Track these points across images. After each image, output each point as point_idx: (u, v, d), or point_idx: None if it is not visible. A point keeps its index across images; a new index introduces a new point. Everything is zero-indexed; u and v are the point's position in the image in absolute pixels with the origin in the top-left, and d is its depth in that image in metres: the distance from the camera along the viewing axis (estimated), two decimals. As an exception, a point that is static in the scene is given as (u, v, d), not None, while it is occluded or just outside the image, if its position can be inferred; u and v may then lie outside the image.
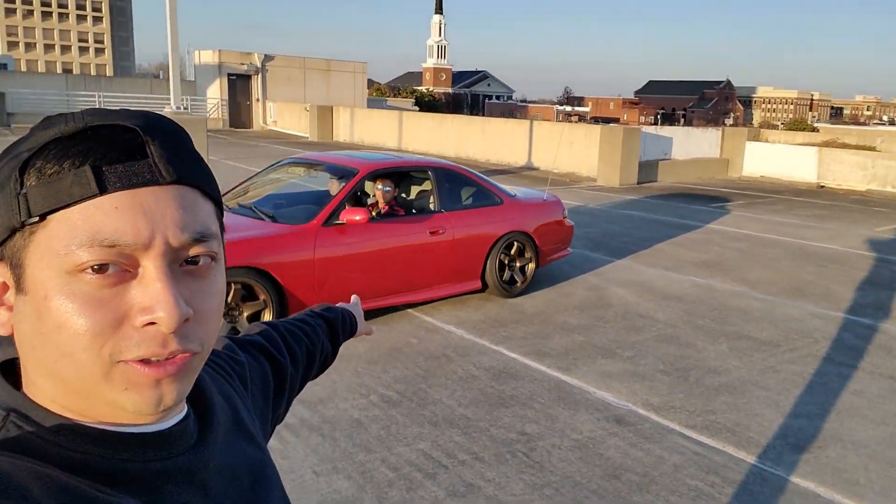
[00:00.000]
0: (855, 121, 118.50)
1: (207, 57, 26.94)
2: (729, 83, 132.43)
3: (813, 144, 18.09)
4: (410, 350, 4.82)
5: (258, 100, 27.43)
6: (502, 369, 4.56)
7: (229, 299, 4.46)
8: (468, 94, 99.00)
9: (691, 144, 17.50)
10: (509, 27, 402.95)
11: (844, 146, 18.35)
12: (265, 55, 27.38)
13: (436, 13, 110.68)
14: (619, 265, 7.51)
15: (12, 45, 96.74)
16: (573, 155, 16.21)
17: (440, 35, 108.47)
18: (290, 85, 27.88)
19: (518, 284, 6.20)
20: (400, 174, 6.04)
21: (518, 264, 6.21)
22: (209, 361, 0.79)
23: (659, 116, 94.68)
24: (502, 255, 6.08)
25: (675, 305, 6.13)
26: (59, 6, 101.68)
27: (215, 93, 26.70)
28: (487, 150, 18.52)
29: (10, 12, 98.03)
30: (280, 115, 26.80)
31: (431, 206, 5.82)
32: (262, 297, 4.60)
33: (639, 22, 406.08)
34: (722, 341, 5.27)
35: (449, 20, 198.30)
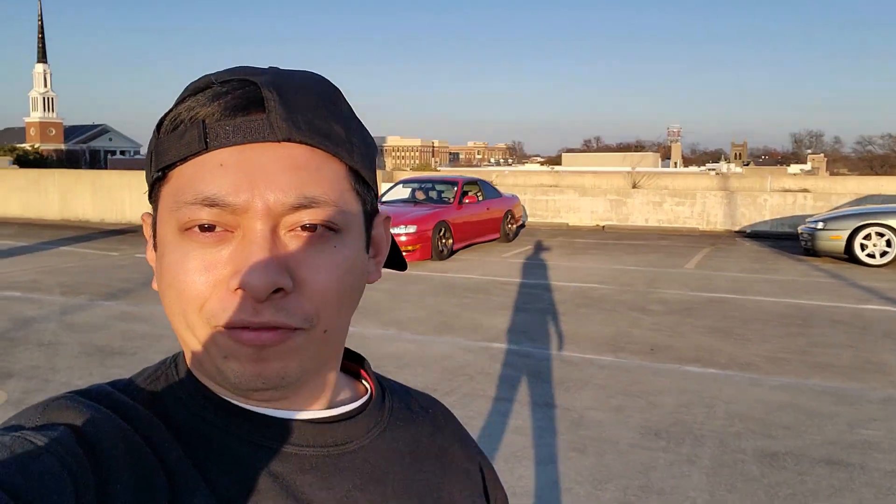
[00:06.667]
0: (469, 163, 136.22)
1: None
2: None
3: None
4: None
5: None
6: None
7: (444, 238, 10.71)
8: (86, 151, 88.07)
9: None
10: (131, 78, 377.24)
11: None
12: None
13: (39, 62, 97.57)
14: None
15: None
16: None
17: (46, 86, 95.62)
18: None
19: None
20: (469, 182, 12.47)
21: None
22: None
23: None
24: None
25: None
26: None
27: None
28: (102, 207, 16.04)
29: None
30: None
31: (479, 198, 12.29)
32: (448, 239, 10.74)
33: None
34: (378, 397, 4.62)
35: (57, 70, 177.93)
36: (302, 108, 0.50)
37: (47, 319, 6.57)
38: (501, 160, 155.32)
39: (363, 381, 0.66)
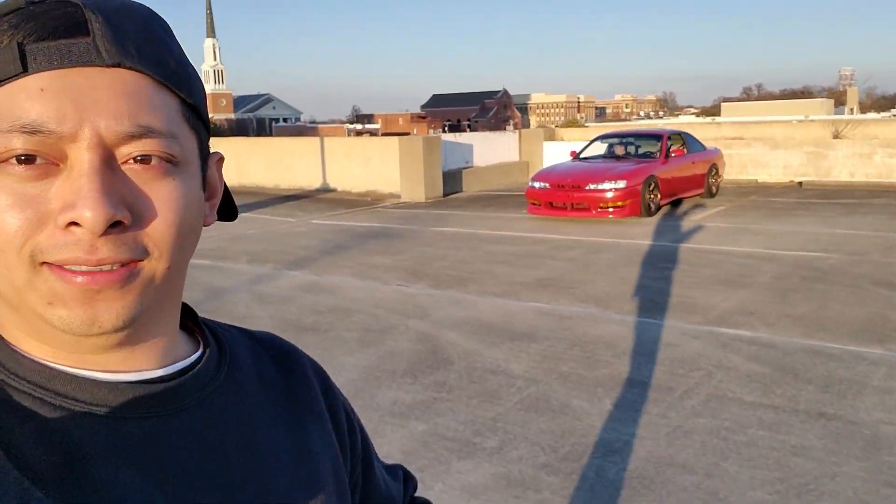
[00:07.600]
0: (617, 118, 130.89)
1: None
2: (506, 92, 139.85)
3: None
4: None
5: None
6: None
7: (652, 193, 10.16)
8: (253, 119, 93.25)
9: (491, 150, 16.85)
10: (290, 48, 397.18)
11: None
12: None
13: (208, 37, 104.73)
14: (446, 298, 6.09)
15: None
16: (371, 172, 14.77)
17: (216, 59, 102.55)
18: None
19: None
20: (674, 135, 11.84)
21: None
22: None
23: (446, 128, 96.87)
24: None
25: (527, 347, 4.79)
26: None
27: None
28: (275, 174, 16.50)
29: None
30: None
31: (685, 151, 11.59)
32: (656, 194, 10.24)
33: (420, 38, 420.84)
34: (601, 394, 3.98)
35: (224, 44, 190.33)
36: (130, 34, 0.45)
37: (238, 290, 6.53)
38: (651, 113, 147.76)
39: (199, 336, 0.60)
